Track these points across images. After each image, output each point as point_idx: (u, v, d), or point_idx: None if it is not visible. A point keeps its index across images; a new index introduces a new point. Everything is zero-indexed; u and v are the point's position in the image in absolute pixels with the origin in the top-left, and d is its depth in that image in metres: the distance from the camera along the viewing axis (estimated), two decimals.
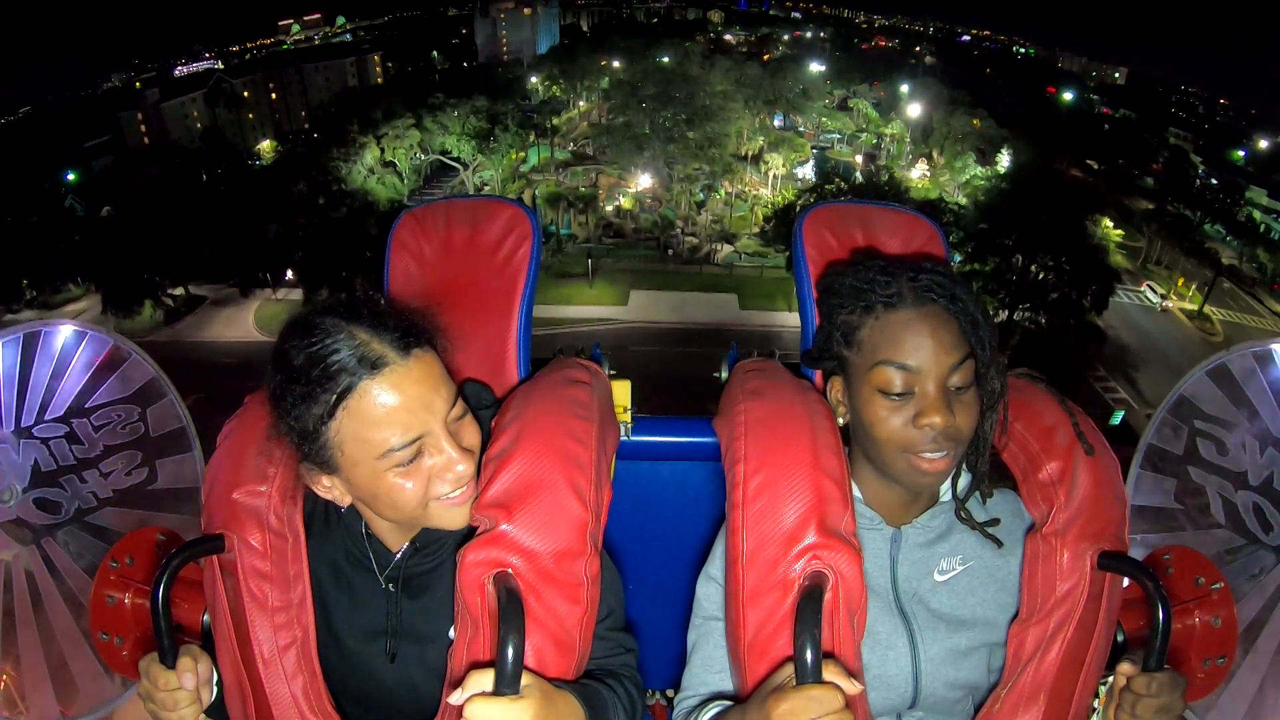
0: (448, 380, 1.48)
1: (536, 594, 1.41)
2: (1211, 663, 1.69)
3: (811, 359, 1.78)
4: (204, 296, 45.40)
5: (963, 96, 60.74)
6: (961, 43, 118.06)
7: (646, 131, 51.58)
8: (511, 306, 2.02)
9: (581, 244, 49.52)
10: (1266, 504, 1.80)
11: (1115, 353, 38.88)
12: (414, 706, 1.62)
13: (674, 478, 2.30)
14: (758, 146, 58.14)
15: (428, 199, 2.25)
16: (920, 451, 1.54)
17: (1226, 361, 1.90)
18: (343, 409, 1.37)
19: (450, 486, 1.47)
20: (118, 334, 2.04)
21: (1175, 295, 48.15)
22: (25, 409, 1.99)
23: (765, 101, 59.89)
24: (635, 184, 53.16)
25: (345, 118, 53.86)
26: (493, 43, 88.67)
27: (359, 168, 51.13)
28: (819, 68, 67.76)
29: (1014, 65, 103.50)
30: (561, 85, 66.30)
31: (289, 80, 77.22)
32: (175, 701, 1.49)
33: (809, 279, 1.98)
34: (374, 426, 1.38)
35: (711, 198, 53.57)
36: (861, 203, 2.11)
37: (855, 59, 77.81)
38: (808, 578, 1.44)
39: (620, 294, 44.93)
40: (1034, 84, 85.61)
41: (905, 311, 1.54)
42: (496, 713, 1.24)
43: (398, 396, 1.38)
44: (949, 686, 1.65)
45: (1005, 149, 55.63)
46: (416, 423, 1.40)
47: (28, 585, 1.94)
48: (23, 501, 1.96)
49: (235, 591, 1.58)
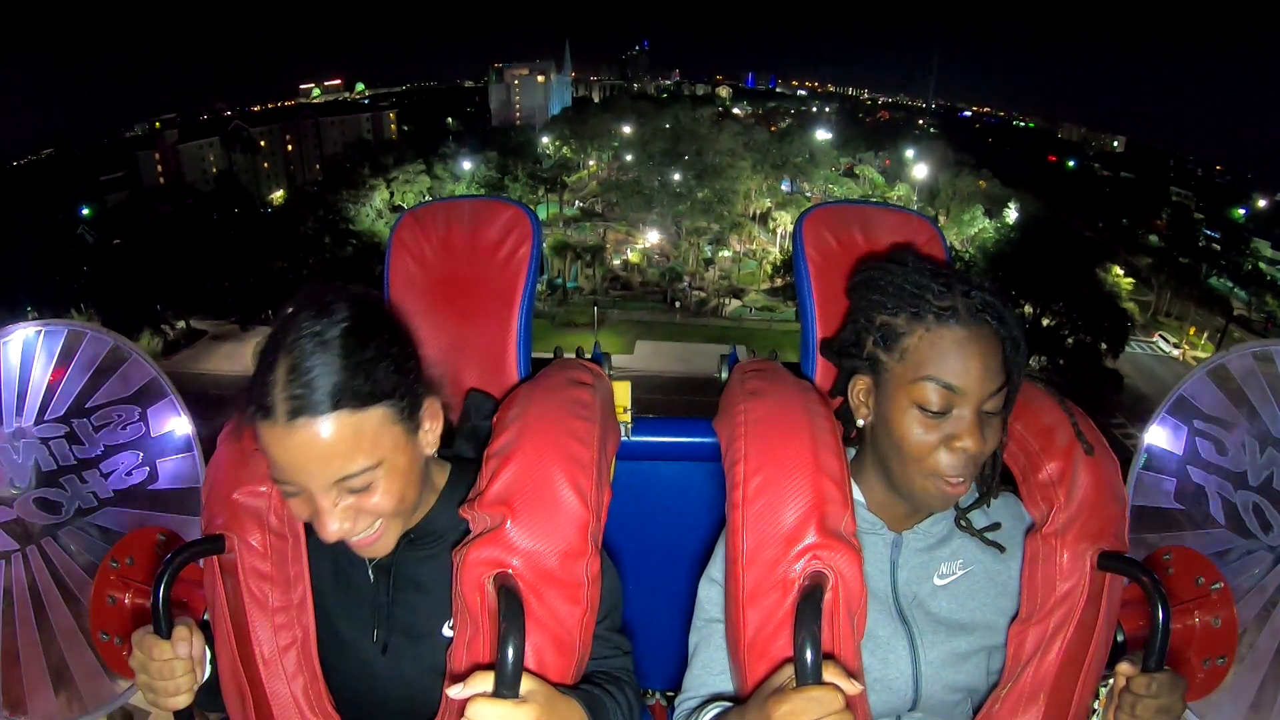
0: (348, 450, 1.34)
1: (537, 594, 1.41)
2: (1211, 663, 1.69)
3: (834, 352, 1.75)
4: (204, 331, 45.66)
5: (967, 160, 61.15)
6: (963, 118, 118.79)
7: (655, 187, 51.92)
8: (511, 307, 2.02)
9: (587, 295, 49.70)
10: (1266, 504, 1.80)
11: (1132, 401, 38.77)
12: (407, 704, 1.61)
13: (674, 478, 2.30)
14: (765, 206, 58.33)
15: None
16: (944, 474, 1.52)
17: (1226, 361, 1.90)
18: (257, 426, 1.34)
19: (335, 539, 1.41)
20: (118, 334, 2.06)
21: (1187, 344, 48.31)
22: (25, 409, 2.00)
23: (772, 166, 60.25)
24: (643, 240, 53.41)
25: (357, 164, 54.34)
26: (506, 108, 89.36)
27: (368, 209, 51.54)
28: (825, 135, 67.93)
29: (1015, 136, 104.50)
30: (572, 146, 66.61)
31: (305, 133, 77.40)
32: (171, 670, 1.47)
33: (809, 279, 1.98)
34: (264, 455, 1.37)
35: (719, 254, 53.78)
36: (862, 203, 2.12)
37: (860, 129, 78.07)
38: (808, 578, 1.43)
39: (626, 344, 44.91)
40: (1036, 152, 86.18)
41: (958, 329, 1.50)
42: (498, 715, 1.23)
43: (273, 450, 1.33)
44: (948, 689, 1.65)
45: (1013, 204, 55.95)
46: (289, 476, 1.35)
47: (28, 585, 1.95)
48: (23, 501, 1.97)
49: (235, 592, 1.58)
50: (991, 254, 43.90)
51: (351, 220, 49.09)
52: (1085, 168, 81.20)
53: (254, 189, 61.80)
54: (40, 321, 2.05)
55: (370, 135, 77.69)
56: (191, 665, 1.50)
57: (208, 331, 45.71)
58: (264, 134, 72.71)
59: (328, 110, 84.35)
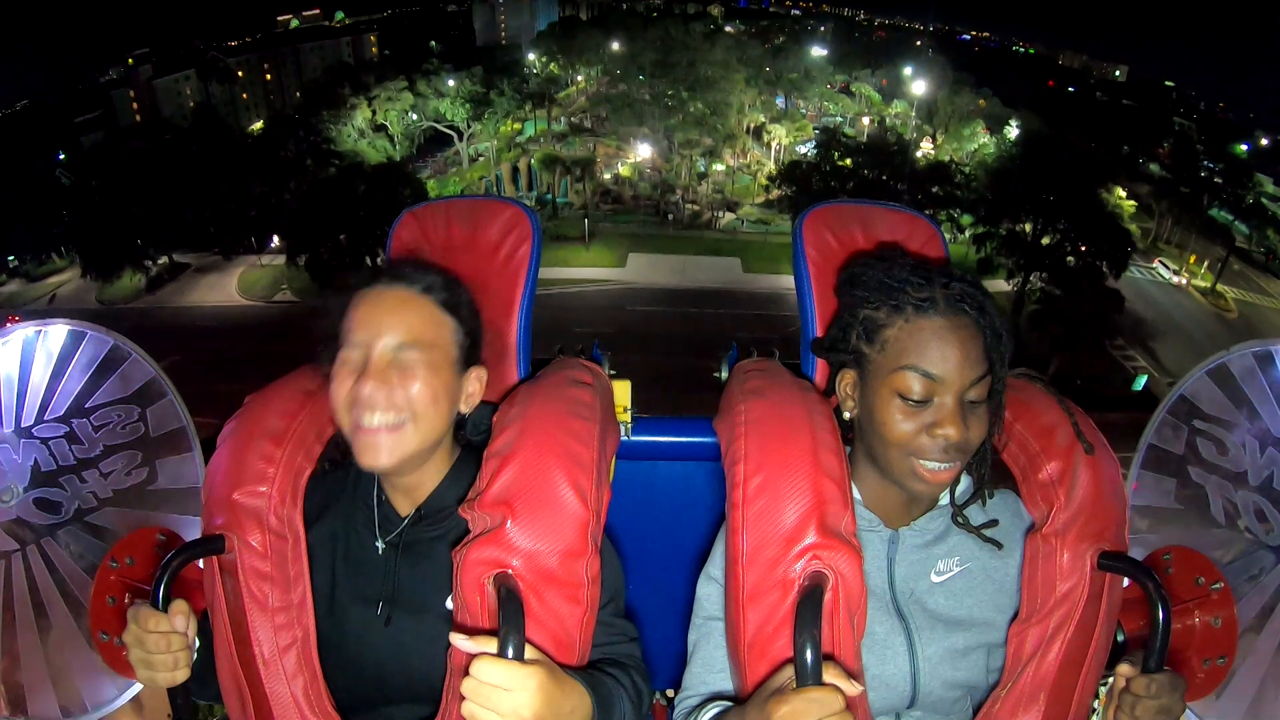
0: (420, 324, 1.61)
1: (537, 593, 1.42)
2: (1211, 663, 1.70)
3: (823, 348, 1.77)
4: (187, 264, 45.63)
5: (966, 79, 60.32)
6: (962, 40, 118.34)
7: (646, 100, 51.06)
8: (512, 307, 2.02)
9: (578, 210, 48.95)
10: (1266, 504, 1.80)
11: (1132, 324, 38.75)
12: (404, 678, 1.63)
13: (674, 478, 2.31)
14: (759, 121, 57.58)
15: (419, 168, 2.26)
16: (927, 460, 1.54)
17: (1226, 361, 1.90)
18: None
19: (363, 409, 1.54)
20: (118, 334, 2.04)
21: (1187, 272, 48.25)
22: (25, 409, 1.99)
23: (766, 82, 59.16)
24: (634, 155, 52.69)
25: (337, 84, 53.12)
26: (491, 29, 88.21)
27: (349, 129, 50.45)
28: (821, 52, 66.83)
29: (1016, 61, 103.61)
30: (560, 62, 64.86)
31: (283, 61, 76.27)
32: (169, 643, 1.49)
33: (809, 279, 1.98)
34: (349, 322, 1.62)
35: (712, 167, 53.12)
36: (862, 203, 2.10)
37: (857, 46, 76.91)
38: (808, 578, 1.44)
39: (618, 257, 44.58)
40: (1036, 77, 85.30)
41: (936, 319, 1.53)
42: (502, 674, 1.24)
43: (363, 306, 1.61)
44: (947, 686, 1.66)
45: (1014, 122, 55.48)
46: (363, 331, 1.58)
47: (28, 585, 1.95)
48: (23, 501, 1.96)
49: (235, 592, 1.59)
50: (992, 169, 43.34)
51: (333, 141, 48.05)
52: (1086, 93, 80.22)
53: (233, 121, 60.28)
54: (40, 321, 2.04)
55: (351, 60, 76.00)
56: (187, 641, 1.52)
57: (191, 265, 45.66)
58: (241, 64, 71.31)
59: (305, 36, 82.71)
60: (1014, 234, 38.31)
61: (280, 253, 41.50)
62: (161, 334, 31.25)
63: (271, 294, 42.73)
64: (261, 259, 44.86)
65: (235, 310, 41.04)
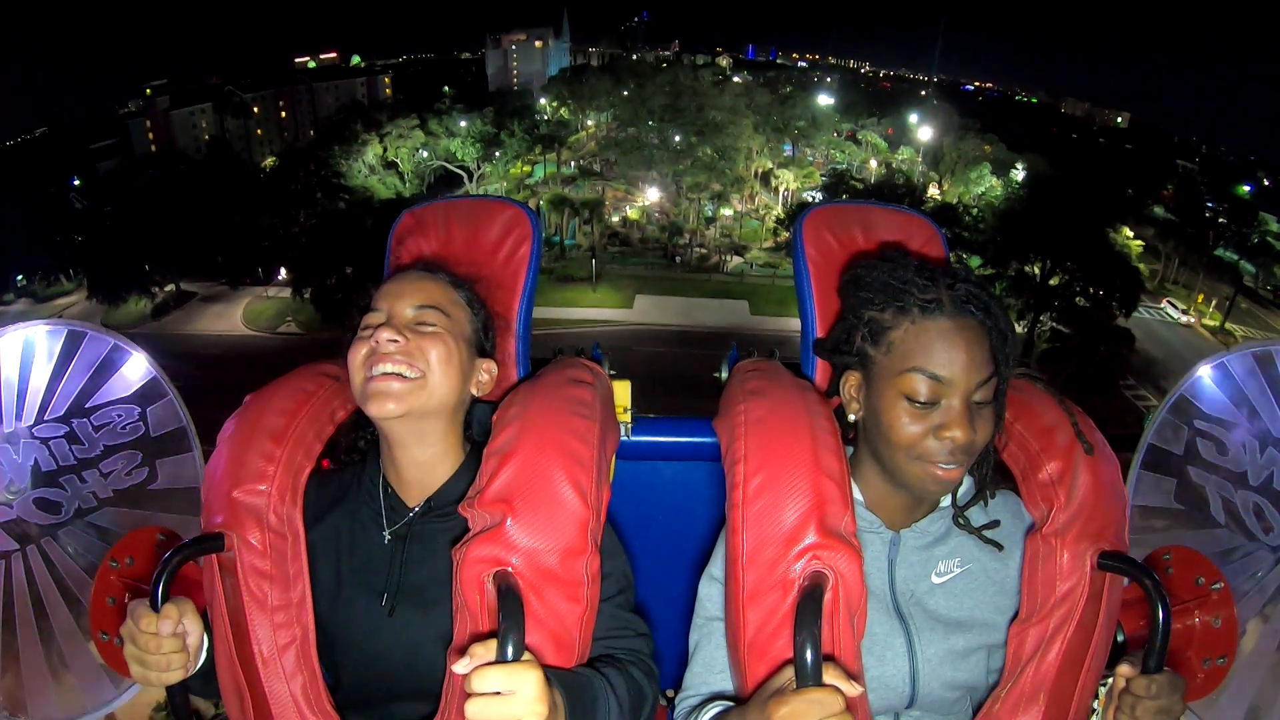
0: (439, 293, 1.74)
1: (537, 592, 1.41)
2: (1211, 663, 1.69)
3: (826, 350, 1.77)
4: (194, 292, 45.85)
5: (972, 124, 60.74)
6: (965, 90, 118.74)
7: (655, 144, 51.48)
8: (511, 307, 2.01)
9: (585, 252, 49.21)
10: (1266, 504, 1.80)
11: (1143, 364, 38.89)
12: (410, 671, 1.62)
13: (674, 478, 2.30)
14: (767, 166, 57.89)
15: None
16: (935, 461, 1.54)
17: (1226, 361, 1.90)
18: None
19: (378, 359, 1.60)
20: (118, 334, 2.05)
21: (1196, 311, 48.38)
22: (25, 409, 1.99)
23: (774, 129, 59.67)
24: (642, 198, 52.96)
25: (350, 121, 53.74)
26: (503, 74, 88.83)
27: (360, 165, 50.96)
28: (827, 100, 66.96)
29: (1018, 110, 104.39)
30: (570, 107, 65.84)
31: (299, 98, 77.07)
32: (159, 644, 1.46)
33: (809, 279, 1.98)
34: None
35: (720, 212, 53.39)
36: (862, 203, 2.10)
37: (862, 96, 77.32)
38: (808, 578, 1.43)
39: (625, 298, 44.82)
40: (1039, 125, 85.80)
41: (943, 321, 1.53)
42: (502, 678, 1.23)
43: (390, 281, 1.73)
44: (946, 687, 1.65)
45: (1020, 165, 55.59)
46: (384, 300, 1.68)
47: (28, 585, 1.95)
48: (23, 501, 1.96)
49: (235, 591, 1.58)
50: (1000, 211, 43.57)
51: (344, 175, 48.74)
52: (1089, 138, 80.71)
53: (247, 155, 61.04)
54: (40, 321, 2.04)
55: (365, 100, 76.43)
56: (181, 643, 1.49)
57: (197, 293, 45.90)
58: (257, 100, 71.88)
59: (321, 75, 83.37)
60: (1022, 275, 38.45)
61: (287, 285, 41.98)
62: (164, 360, 30.40)
63: (276, 325, 43.01)
64: (268, 290, 45.23)
65: (239, 340, 41.24)
